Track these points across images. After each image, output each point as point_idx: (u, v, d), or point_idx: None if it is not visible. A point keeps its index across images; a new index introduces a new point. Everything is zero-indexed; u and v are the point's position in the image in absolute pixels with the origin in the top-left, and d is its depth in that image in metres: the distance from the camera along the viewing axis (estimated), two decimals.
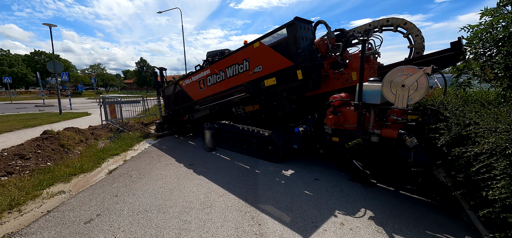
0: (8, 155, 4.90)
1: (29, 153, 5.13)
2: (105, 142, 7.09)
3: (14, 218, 3.22)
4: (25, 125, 11.31)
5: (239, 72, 5.69)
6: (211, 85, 6.50)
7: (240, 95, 5.85)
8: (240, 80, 5.69)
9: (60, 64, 15.31)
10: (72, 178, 4.59)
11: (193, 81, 7.09)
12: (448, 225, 2.98)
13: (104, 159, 5.69)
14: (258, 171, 4.92)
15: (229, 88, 6.05)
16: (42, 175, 4.50)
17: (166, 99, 8.55)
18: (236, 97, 6.03)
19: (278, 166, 5.16)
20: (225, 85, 6.12)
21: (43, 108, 20.56)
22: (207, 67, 6.50)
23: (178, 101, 7.86)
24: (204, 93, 6.82)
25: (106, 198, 3.77)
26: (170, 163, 5.46)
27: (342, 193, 3.90)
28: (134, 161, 5.65)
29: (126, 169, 5.09)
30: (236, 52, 5.72)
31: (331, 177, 4.53)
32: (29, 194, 3.79)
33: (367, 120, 3.91)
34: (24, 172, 4.59)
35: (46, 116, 14.45)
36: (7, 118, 13.61)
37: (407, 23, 4.93)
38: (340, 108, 4.26)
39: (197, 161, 5.60)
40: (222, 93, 6.31)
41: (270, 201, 3.66)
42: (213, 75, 6.37)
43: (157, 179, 4.55)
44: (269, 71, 5.09)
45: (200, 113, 7.55)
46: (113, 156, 6.01)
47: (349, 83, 4.71)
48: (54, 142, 6.01)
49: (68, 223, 3.10)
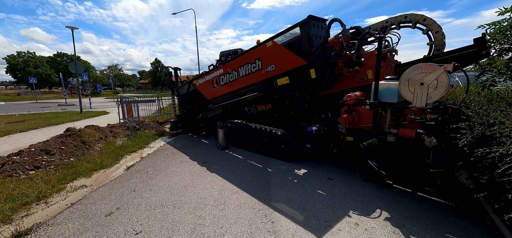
0: (35, 151, 5.22)
1: (54, 148, 5.44)
2: (123, 139, 7.37)
3: (42, 209, 3.43)
4: (49, 123, 11.98)
5: (251, 71, 5.72)
6: (224, 85, 6.58)
7: (253, 94, 5.89)
8: (253, 80, 5.73)
9: (81, 65, 16.06)
10: (93, 173, 4.81)
11: (206, 81, 7.21)
12: (470, 229, 2.86)
13: (122, 156, 5.92)
14: (270, 170, 4.94)
15: (241, 87, 6.11)
16: (66, 170, 4.75)
17: (180, 98, 8.75)
18: (248, 96, 6.07)
19: (291, 165, 5.14)
20: (238, 84, 6.18)
21: (65, 107, 21.64)
22: (220, 66, 6.59)
23: (192, 101, 8.02)
24: (217, 93, 6.92)
25: (124, 192, 3.93)
26: (184, 161, 5.59)
27: (357, 193, 3.84)
28: (150, 158, 5.84)
29: (143, 165, 5.27)
30: (249, 51, 5.76)
31: (345, 177, 4.46)
32: (55, 187, 4.02)
33: (383, 119, 3.82)
34: (50, 166, 4.87)
35: (68, 115, 15.22)
36: (33, 116, 14.47)
37: (427, 19, 4.76)
38: (355, 107, 4.19)
39: (210, 159, 5.69)
40: (234, 92, 6.38)
41: (283, 200, 3.66)
42: (226, 74, 6.45)
43: (172, 175, 4.67)
44: (282, 70, 5.09)
45: (213, 112, 7.67)
46: (131, 153, 6.24)
47: (365, 82, 4.62)
48: (76, 138, 6.33)
49: (91, 215, 3.26)
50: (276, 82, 5.18)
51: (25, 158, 4.93)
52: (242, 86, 6.05)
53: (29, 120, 13.07)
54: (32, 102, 30.37)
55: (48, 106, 23.33)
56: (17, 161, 4.78)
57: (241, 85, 6.10)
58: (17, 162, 4.74)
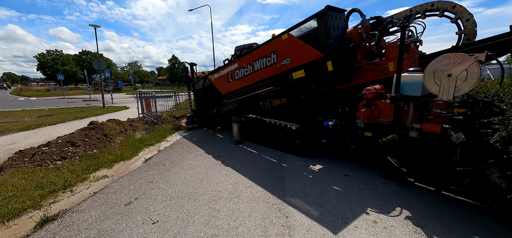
0: (62, 142, 5.55)
1: (79, 140, 5.75)
2: (142, 133, 7.63)
3: (67, 197, 3.64)
4: (75, 117, 12.71)
5: (266, 65, 5.66)
6: (239, 79, 6.58)
7: (268, 88, 5.83)
8: (268, 74, 5.67)
9: (104, 62, 16.80)
10: (114, 164, 5.03)
11: (221, 75, 7.25)
12: (501, 231, 2.65)
13: (140, 148, 6.14)
14: (285, 165, 4.89)
15: (256, 81, 6.07)
16: (89, 161, 5.01)
17: (196, 93, 8.90)
18: (263, 91, 6.02)
19: (306, 161, 5.06)
20: (253, 78, 6.14)
21: (89, 103, 22.85)
22: (235, 61, 6.58)
23: (207, 95, 8.12)
24: (232, 87, 6.94)
25: (142, 183, 4.07)
26: (200, 154, 5.69)
27: (375, 190, 3.69)
28: (167, 151, 6.00)
29: (160, 158, 5.43)
30: (264, 45, 5.70)
31: (363, 174, 4.31)
32: (79, 177, 4.25)
33: (405, 113, 3.62)
34: (75, 157, 5.16)
35: (92, 109, 16.05)
36: (60, 111, 15.42)
37: (456, 6, 4.42)
38: (374, 101, 4.01)
39: (225, 153, 5.74)
40: (249, 86, 6.35)
41: (298, 195, 3.61)
42: (241, 69, 6.44)
43: (188, 168, 4.77)
44: (298, 64, 4.98)
45: (228, 107, 7.71)
46: (149, 146, 6.44)
47: (385, 74, 4.40)
48: (99, 131, 6.64)
49: (111, 204, 3.41)
50: (291, 76, 5.08)
51: (53, 149, 5.25)
52: (257, 80, 6.01)
53: (57, 114, 13.94)
54: (60, 97, 32.35)
55: (74, 102, 24.74)
56: (46, 151, 5.10)
57: (256, 80, 6.07)
58: (46, 153, 5.06)
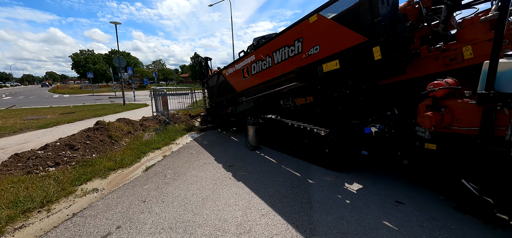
0: (60, 145, 5.03)
1: (79, 143, 5.20)
2: (151, 134, 7.01)
3: (40, 220, 2.95)
4: (94, 114, 12.69)
5: (289, 56, 4.61)
6: (256, 74, 5.60)
7: (290, 84, 4.79)
8: (290, 66, 4.62)
9: (124, 59, 16.84)
10: (110, 173, 4.36)
11: (236, 70, 6.32)
12: None
13: (145, 153, 5.45)
14: (311, 181, 3.83)
15: (276, 76, 5.04)
16: (84, 168, 4.38)
17: (210, 90, 8.09)
18: (285, 87, 4.99)
19: (339, 176, 3.95)
20: (272, 73, 5.13)
21: (113, 100, 23.43)
22: (252, 52, 5.61)
23: (221, 93, 7.26)
24: (248, 83, 5.98)
25: (133, 203, 3.29)
26: (209, 162, 4.83)
27: (448, 231, 2.51)
28: (172, 157, 5.24)
29: (163, 166, 4.67)
30: (287, 31, 4.64)
31: (422, 201, 3.11)
32: (65, 190, 3.59)
33: (502, 120, 2.39)
34: (70, 163, 4.58)
35: (113, 107, 16.15)
36: (83, 108, 15.70)
37: None
38: (446, 101, 2.79)
39: (237, 162, 4.82)
40: (268, 82, 5.34)
41: (333, 233, 2.56)
42: (258, 61, 5.45)
43: (192, 182, 3.92)
44: (330, 53, 3.86)
45: (243, 106, 6.79)
46: (155, 150, 5.75)
47: (457, 64, 3.14)
48: (104, 132, 6.10)
49: (85, 236, 2.64)
50: (321, 69, 3.98)
51: (49, 153, 4.73)
52: (277, 75, 4.99)
53: (79, 111, 14.13)
54: (89, 95, 34.01)
55: (100, 99, 25.62)
56: (41, 156, 4.58)
57: (276, 74, 5.04)
58: (41, 157, 4.54)
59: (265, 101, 5.98)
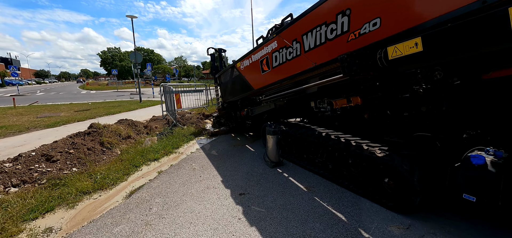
0: (35, 156, 4.09)
1: (59, 153, 4.24)
2: (153, 139, 5.95)
3: None
4: (107, 112, 12.18)
5: (327, 38, 3.15)
6: (279, 66, 4.19)
7: (329, 79, 3.36)
8: (329, 53, 3.16)
9: (140, 55, 16.33)
10: (82, 199, 3.28)
11: (253, 62, 4.96)
12: None
13: (138, 166, 4.35)
14: (366, 236, 2.39)
15: (307, 69, 3.60)
16: (51, 191, 3.35)
17: (223, 87, 6.82)
18: (319, 83, 3.57)
19: (412, 227, 2.46)
20: (301, 64, 3.69)
21: (133, 96, 23.40)
22: (274, 37, 4.20)
23: (235, 91, 5.95)
24: (267, 79, 4.59)
25: None
26: (213, 186, 3.57)
27: None
28: (169, 174, 4.06)
29: (152, 190, 3.50)
30: (323, 3, 3.18)
31: None
32: (6, 231, 2.54)
33: None
34: (40, 180, 3.60)
35: (129, 104, 15.72)
36: (100, 105, 15.44)
37: None
38: None
39: (252, 187, 3.50)
40: (295, 77, 3.92)
41: None
42: (282, 49, 4.03)
43: (183, 223, 2.68)
44: (402, 28, 2.36)
45: (261, 108, 5.45)
46: (150, 161, 4.64)
47: None
48: (96, 138, 5.14)
49: None
50: (383, 54, 2.49)
51: (18, 166, 3.80)
52: (309, 66, 3.55)
53: (94, 108, 13.80)
54: (114, 91, 34.92)
55: (122, 95, 25.88)
56: (6, 170, 3.66)
57: (307, 65, 3.60)
58: (6, 172, 3.61)
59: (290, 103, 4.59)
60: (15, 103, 14.14)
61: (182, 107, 10.85)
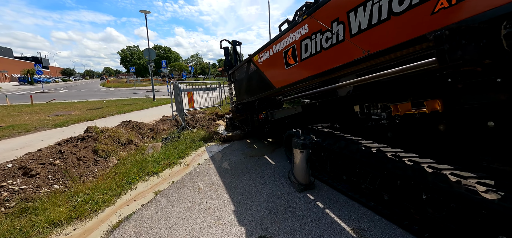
0: (12, 168, 3.39)
1: (41, 165, 3.52)
2: (156, 146, 5.15)
3: None
4: (119, 111, 11.75)
5: (392, 12, 2.08)
6: (310, 58, 3.14)
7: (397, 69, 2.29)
8: (396, 35, 2.09)
9: (154, 51, 15.86)
10: (48, 235, 2.49)
11: (274, 55, 3.94)
12: None
13: (132, 183, 3.54)
14: None
15: (355, 60, 2.53)
16: (13, 221, 2.60)
17: (237, 85, 5.86)
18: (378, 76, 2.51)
19: None
20: (344, 53, 2.63)
21: (148, 94, 23.27)
22: (304, 20, 3.16)
23: (251, 89, 4.96)
24: (293, 75, 3.55)
25: None
26: (222, 221, 2.64)
27: None
28: (168, 197, 3.19)
29: (141, 225, 2.63)
30: None
31: None
32: None
33: None
34: (9, 203, 2.86)
35: (142, 102, 15.33)
36: (114, 103, 15.18)
37: None
38: None
39: (275, 225, 2.52)
40: (334, 72, 2.86)
41: None
42: (315, 35, 2.98)
43: None
44: None
45: (284, 111, 4.45)
46: (149, 176, 3.81)
47: None
48: (90, 144, 4.41)
49: None
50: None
51: None
52: (358, 56, 2.49)
53: (107, 106, 13.50)
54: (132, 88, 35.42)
55: (138, 92, 25.93)
56: None
57: (353, 55, 2.54)
58: None
59: (324, 105, 3.53)
60: (32, 101, 14.22)
61: (195, 106, 10.11)
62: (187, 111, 9.42)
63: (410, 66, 2.13)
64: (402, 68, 2.23)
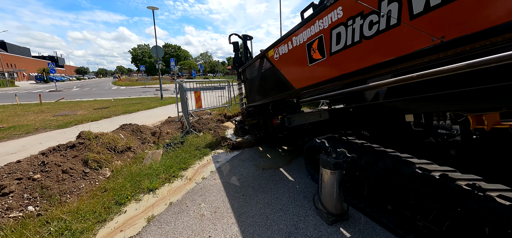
0: None
1: (17, 181, 2.97)
2: (156, 153, 4.55)
3: None
4: (125, 111, 11.35)
5: None
6: (343, 51, 2.38)
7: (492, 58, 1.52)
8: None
9: (161, 49, 15.44)
10: None
11: (294, 48, 3.19)
12: None
13: (122, 204, 2.93)
14: None
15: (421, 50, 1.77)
16: None
17: (248, 84, 5.16)
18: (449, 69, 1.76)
19: None
20: (403, 42, 1.88)
21: (157, 93, 23.04)
22: (337, 0, 2.40)
23: (265, 90, 4.24)
24: (320, 73, 2.80)
25: None
26: None
27: None
28: (161, 227, 2.55)
29: None
30: None
31: None
32: None
33: None
34: None
35: (149, 101, 14.95)
36: (121, 102, 14.88)
37: None
38: None
39: None
40: (380, 68, 2.11)
41: None
42: (353, 21, 2.23)
43: None
44: None
45: (305, 117, 3.71)
46: (144, 193, 3.20)
47: None
48: (81, 152, 3.86)
49: None
50: None
51: None
52: (426, 45, 1.73)
53: (114, 105, 13.18)
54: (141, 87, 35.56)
55: (148, 91, 25.82)
56: None
57: (418, 43, 1.78)
58: None
59: (360, 112, 2.79)
60: (41, 100, 14.12)
61: (203, 106, 9.53)
62: (194, 112, 8.85)
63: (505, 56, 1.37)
64: (496, 58, 1.46)
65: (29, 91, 28.31)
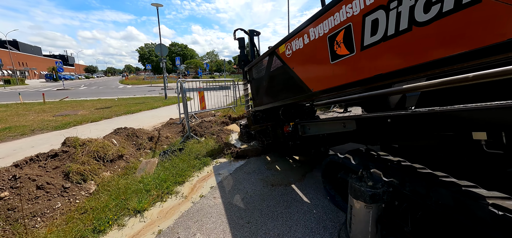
0: None
1: None
2: (151, 163, 4.03)
3: None
4: (127, 111, 10.96)
5: None
6: (382, 43, 1.77)
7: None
8: None
9: (166, 48, 15.04)
10: None
11: (312, 42, 2.58)
12: None
13: (101, 232, 2.41)
14: None
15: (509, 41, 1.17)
16: None
17: (255, 85, 4.56)
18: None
19: None
20: (475, 29, 1.26)
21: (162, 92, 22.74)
22: None
23: (275, 92, 3.64)
24: (346, 72, 2.19)
25: None
26: None
27: None
28: None
29: None
30: None
31: None
32: None
33: None
34: None
35: (153, 101, 14.57)
36: (124, 102, 14.54)
37: None
38: None
39: None
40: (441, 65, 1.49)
41: None
42: (397, 2, 1.63)
43: None
44: None
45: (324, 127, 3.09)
46: (130, 217, 2.67)
47: None
48: (63, 162, 3.37)
49: None
50: None
51: None
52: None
53: (117, 105, 12.84)
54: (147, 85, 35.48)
55: (153, 90, 25.58)
56: None
57: (497, 35, 1.17)
58: None
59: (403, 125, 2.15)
60: (44, 99, 13.93)
61: (206, 107, 9.01)
62: (197, 114, 8.35)
63: None
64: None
65: (38, 89, 28.57)
